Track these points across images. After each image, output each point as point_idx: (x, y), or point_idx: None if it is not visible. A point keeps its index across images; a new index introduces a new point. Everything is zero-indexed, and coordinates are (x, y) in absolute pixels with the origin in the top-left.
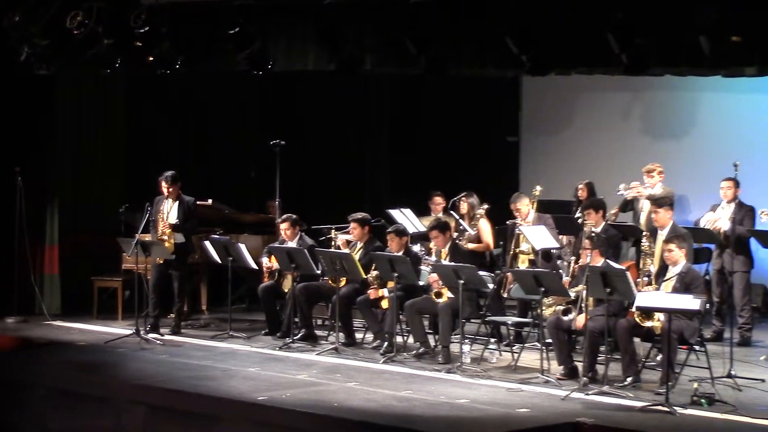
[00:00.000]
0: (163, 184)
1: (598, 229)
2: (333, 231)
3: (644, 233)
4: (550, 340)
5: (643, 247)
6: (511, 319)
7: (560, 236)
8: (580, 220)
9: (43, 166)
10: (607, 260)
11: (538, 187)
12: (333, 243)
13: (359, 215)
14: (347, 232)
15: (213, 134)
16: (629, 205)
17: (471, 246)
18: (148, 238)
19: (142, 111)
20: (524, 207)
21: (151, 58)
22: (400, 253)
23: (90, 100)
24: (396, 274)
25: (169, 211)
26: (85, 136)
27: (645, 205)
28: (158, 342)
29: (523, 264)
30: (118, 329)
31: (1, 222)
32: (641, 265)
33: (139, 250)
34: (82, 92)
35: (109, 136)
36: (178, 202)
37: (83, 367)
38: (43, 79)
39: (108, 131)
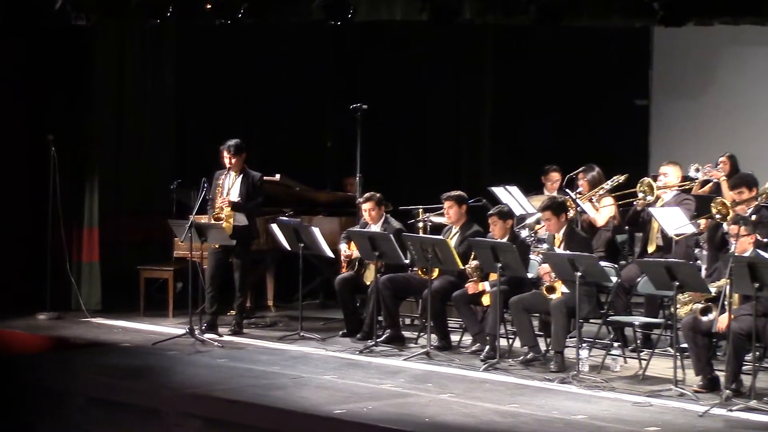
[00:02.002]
0: (225, 154)
1: (749, 211)
2: (423, 212)
3: None
4: (685, 345)
5: None
6: (639, 320)
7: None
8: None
9: (80, 135)
10: (757, 249)
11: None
12: (423, 226)
13: (455, 193)
14: (441, 214)
15: (281, 98)
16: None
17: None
18: (204, 219)
19: (197, 70)
20: (674, 174)
21: (208, 6)
22: (505, 239)
23: (135, 57)
24: (500, 265)
25: (231, 187)
26: (129, 99)
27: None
28: (216, 344)
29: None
30: (169, 328)
31: (32, 200)
32: None
33: (193, 234)
34: (126, 47)
35: (157, 99)
36: (241, 176)
37: (127, 372)
38: (81, 31)
39: (156, 93)
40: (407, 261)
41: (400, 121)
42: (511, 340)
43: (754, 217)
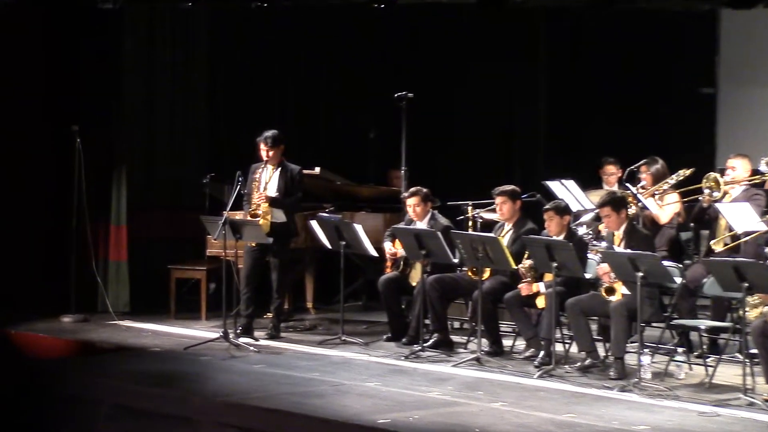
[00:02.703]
0: (262, 146)
1: None
2: (473, 208)
3: None
4: (755, 351)
5: None
6: (705, 324)
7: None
8: None
9: (107, 125)
10: None
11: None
12: (473, 223)
13: (508, 188)
14: (492, 210)
15: (320, 86)
16: None
17: None
18: (239, 216)
19: (231, 56)
20: (743, 168)
21: None
22: (561, 237)
23: (166, 43)
24: (555, 264)
25: (268, 181)
26: (159, 87)
27: None
28: (251, 348)
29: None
30: (202, 332)
31: (56, 196)
32: None
33: (227, 232)
34: (156, 32)
35: (190, 87)
36: (279, 169)
37: (157, 379)
38: (108, 14)
39: (189, 81)
40: (456, 260)
41: (448, 110)
42: (567, 345)
43: None
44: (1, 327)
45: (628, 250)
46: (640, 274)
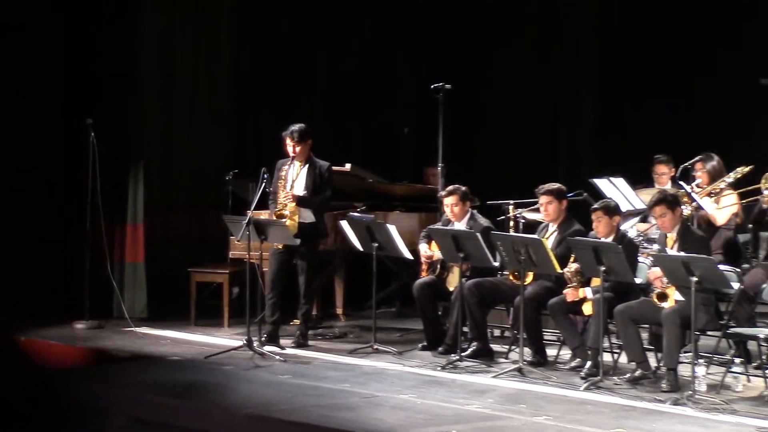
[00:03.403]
0: (288, 141)
1: None
2: (515, 208)
3: None
4: None
5: None
6: (764, 332)
7: None
8: None
9: (123, 118)
10: None
11: None
12: (515, 224)
13: (554, 186)
14: (535, 210)
15: (350, 75)
16: None
17: None
18: (264, 215)
19: (256, 43)
20: None
21: None
22: (610, 239)
23: (186, 29)
24: (603, 268)
25: (295, 178)
26: (179, 77)
27: None
28: (277, 357)
29: None
30: (224, 339)
31: (68, 193)
32: None
33: (252, 232)
34: (176, 17)
35: (212, 77)
36: (307, 166)
37: (176, 389)
38: None
39: (211, 71)
40: (496, 263)
41: (487, 103)
42: (616, 355)
43: None
44: (9, 334)
45: (682, 253)
46: (695, 278)
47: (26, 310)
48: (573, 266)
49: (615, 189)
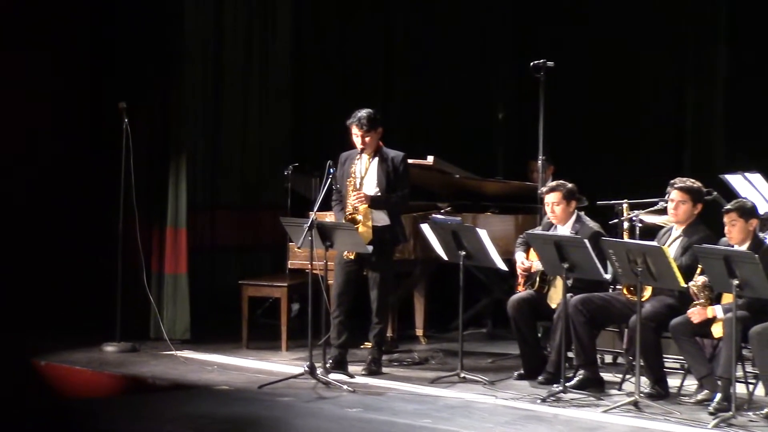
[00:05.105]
0: (355, 130)
1: None
2: (630, 208)
3: None
4: None
5: None
6: None
7: None
8: None
9: (163, 104)
10: None
11: None
12: (630, 228)
13: (692, 184)
14: (655, 212)
15: (429, 51)
16: None
17: None
18: (330, 217)
19: (319, 19)
20: None
21: None
22: (745, 247)
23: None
24: (736, 282)
25: (365, 174)
26: (229, 54)
27: None
28: (345, 387)
29: None
30: (281, 365)
31: (97, 191)
32: None
33: (315, 238)
34: None
35: (267, 58)
36: (377, 159)
37: (225, 424)
38: None
39: (266, 50)
40: (608, 276)
41: (599, 85)
42: (751, 386)
43: None
44: (26, 357)
45: None
46: None
47: (47, 330)
48: (700, 279)
49: (750, 186)
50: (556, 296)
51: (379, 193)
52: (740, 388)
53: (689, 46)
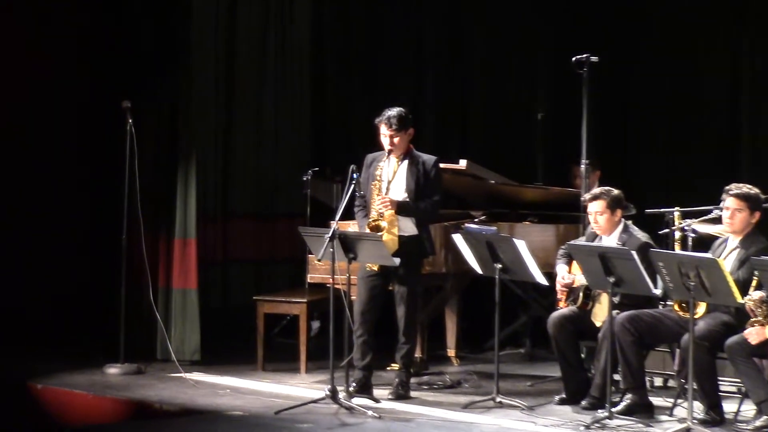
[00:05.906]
0: (384, 129)
1: None
2: (681, 217)
3: None
4: None
5: None
6: None
7: None
8: None
9: (171, 103)
10: None
11: None
12: (682, 238)
13: (750, 191)
14: (709, 220)
15: (463, 47)
16: None
17: None
18: (353, 227)
19: (342, 13)
20: None
21: None
22: None
23: None
24: None
25: (392, 178)
26: (242, 49)
27: None
28: (370, 413)
29: None
30: (300, 389)
31: (99, 198)
32: None
33: (337, 249)
34: None
35: (285, 53)
36: (407, 162)
37: None
38: None
39: (284, 46)
40: (657, 291)
41: (648, 81)
42: None
43: None
44: (21, 380)
45: None
46: None
47: (44, 350)
48: (756, 294)
49: None
50: (600, 313)
51: (407, 199)
52: None
53: (744, 40)
